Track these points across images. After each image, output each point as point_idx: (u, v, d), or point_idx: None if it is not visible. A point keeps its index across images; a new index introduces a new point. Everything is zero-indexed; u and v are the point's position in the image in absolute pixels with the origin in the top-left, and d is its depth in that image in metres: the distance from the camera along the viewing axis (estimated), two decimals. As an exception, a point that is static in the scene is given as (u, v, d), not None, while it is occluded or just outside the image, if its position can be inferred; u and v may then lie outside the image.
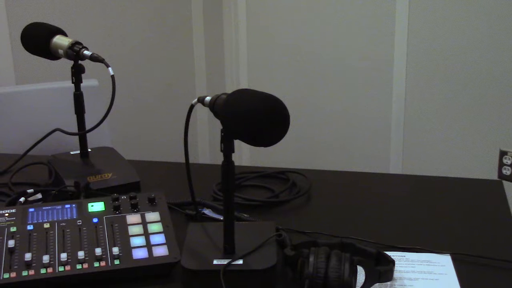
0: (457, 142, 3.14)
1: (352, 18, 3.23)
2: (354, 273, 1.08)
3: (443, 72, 3.09)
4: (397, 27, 3.12)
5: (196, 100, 1.16)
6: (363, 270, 1.10)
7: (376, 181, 1.69)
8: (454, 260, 1.22)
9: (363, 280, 1.09)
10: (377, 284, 1.11)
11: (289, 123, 1.04)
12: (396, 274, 1.16)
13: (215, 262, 1.14)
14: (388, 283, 1.14)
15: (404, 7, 3.08)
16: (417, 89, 3.17)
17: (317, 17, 3.32)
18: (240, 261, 1.14)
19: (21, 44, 1.65)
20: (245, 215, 1.38)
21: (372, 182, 1.67)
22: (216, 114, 1.11)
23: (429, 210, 1.47)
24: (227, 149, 1.11)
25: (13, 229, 1.22)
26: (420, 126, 3.21)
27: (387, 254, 1.16)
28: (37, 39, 1.60)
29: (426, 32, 3.07)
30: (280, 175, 1.65)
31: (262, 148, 1.07)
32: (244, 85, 3.55)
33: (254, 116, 1.02)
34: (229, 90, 1.24)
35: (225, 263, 1.12)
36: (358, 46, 3.25)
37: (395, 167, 3.30)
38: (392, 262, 1.14)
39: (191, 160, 1.24)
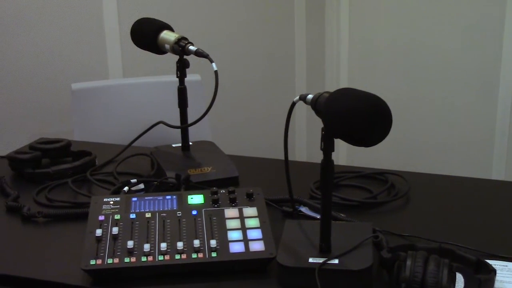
0: None
1: (458, 18, 3.14)
2: (452, 280, 1.05)
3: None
4: (506, 28, 3.01)
5: (297, 97, 1.16)
6: (462, 278, 1.07)
7: (478, 186, 1.63)
8: (560, 273, 1.17)
9: (462, 288, 1.07)
10: (476, 293, 1.08)
11: (391, 124, 1.03)
12: (497, 284, 1.12)
13: (310, 260, 1.14)
14: (488, 292, 1.11)
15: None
16: (525, 93, 3.05)
17: (419, 17, 3.25)
18: (336, 261, 1.13)
19: (129, 39, 1.71)
20: (342, 215, 1.37)
21: (474, 188, 1.62)
22: (318, 112, 1.11)
23: (535, 220, 1.41)
24: (327, 147, 1.11)
25: (117, 216, 1.27)
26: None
27: (488, 263, 1.13)
28: (146, 34, 1.65)
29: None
30: (378, 176, 1.63)
31: (360, 147, 1.06)
32: (344, 84, 3.53)
33: (357, 116, 1.01)
34: (329, 88, 1.24)
35: (321, 261, 1.12)
36: (463, 47, 3.16)
37: (497, 173, 3.19)
38: (493, 271, 1.10)
39: (289, 158, 1.24)
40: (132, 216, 1.27)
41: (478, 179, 1.68)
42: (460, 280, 1.07)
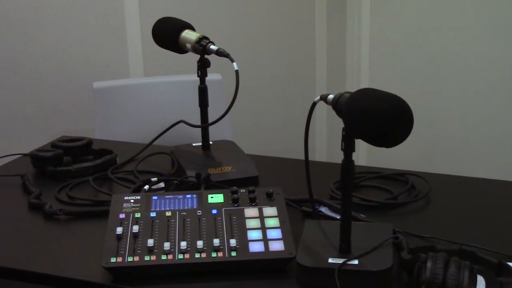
0: None
1: (480, 18, 3.12)
2: (473, 282, 1.05)
3: None
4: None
5: (318, 97, 1.16)
6: (483, 280, 1.06)
7: (500, 188, 1.62)
8: None
9: (482, 291, 1.06)
10: (498, 295, 1.07)
11: (412, 125, 1.02)
12: (518, 287, 1.11)
13: (330, 260, 1.14)
14: (510, 295, 1.10)
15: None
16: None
17: (442, 17, 3.23)
18: (356, 261, 1.13)
19: (150, 38, 1.71)
20: (362, 215, 1.37)
21: (495, 189, 1.60)
22: (339, 113, 1.11)
23: (557, 222, 1.40)
24: (348, 148, 1.11)
25: (137, 215, 1.27)
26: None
27: (509, 265, 1.12)
28: (167, 33, 1.66)
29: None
30: (399, 177, 1.62)
31: (380, 148, 1.05)
32: (365, 84, 3.51)
33: (378, 116, 1.01)
34: (350, 88, 1.24)
35: (341, 262, 1.12)
36: (483, 46, 3.13)
37: (520, 175, 3.16)
38: (515, 274, 1.09)
39: (309, 158, 1.24)
40: (153, 214, 1.28)
41: (500, 180, 1.67)
42: (481, 282, 1.06)
